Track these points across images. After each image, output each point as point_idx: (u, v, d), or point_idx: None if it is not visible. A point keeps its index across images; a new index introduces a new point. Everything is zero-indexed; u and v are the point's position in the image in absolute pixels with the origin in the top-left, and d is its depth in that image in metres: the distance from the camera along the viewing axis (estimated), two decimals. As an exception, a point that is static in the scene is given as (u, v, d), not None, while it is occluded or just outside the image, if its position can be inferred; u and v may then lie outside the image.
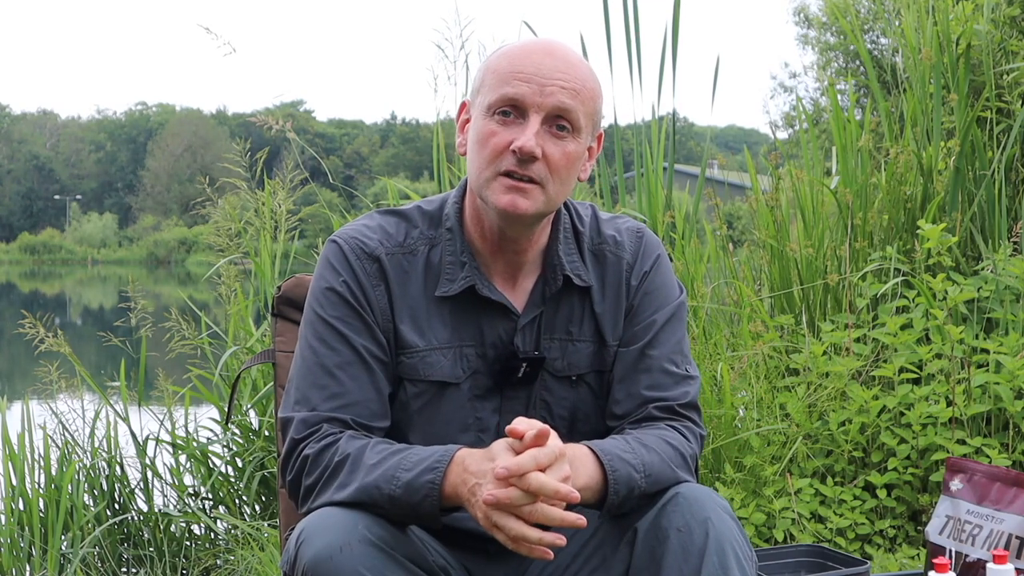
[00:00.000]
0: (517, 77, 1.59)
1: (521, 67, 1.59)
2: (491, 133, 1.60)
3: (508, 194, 1.60)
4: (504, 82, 1.59)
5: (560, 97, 1.59)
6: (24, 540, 3.43)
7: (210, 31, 4.09)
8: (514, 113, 1.59)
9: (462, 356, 1.68)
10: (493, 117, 1.60)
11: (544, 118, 1.59)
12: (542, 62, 1.59)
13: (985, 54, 4.30)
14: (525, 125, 1.58)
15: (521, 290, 1.71)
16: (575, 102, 1.60)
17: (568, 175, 1.63)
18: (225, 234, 3.94)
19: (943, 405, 3.29)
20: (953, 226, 4.03)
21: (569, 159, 1.62)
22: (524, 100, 1.58)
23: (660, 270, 1.76)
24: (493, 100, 1.60)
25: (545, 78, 1.58)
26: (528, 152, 1.57)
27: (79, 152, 79.16)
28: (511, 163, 1.59)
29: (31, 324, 3.70)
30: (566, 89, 1.59)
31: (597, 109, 1.66)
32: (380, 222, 1.71)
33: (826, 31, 24.93)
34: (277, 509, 2.65)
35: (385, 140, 79.08)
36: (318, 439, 1.58)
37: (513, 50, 1.63)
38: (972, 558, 2.49)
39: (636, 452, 1.57)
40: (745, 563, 1.52)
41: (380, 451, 1.53)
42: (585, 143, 1.65)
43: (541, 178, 1.60)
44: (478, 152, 1.62)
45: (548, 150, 1.59)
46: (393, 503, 1.48)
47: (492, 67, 1.63)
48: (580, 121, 1.61)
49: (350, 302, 1.64)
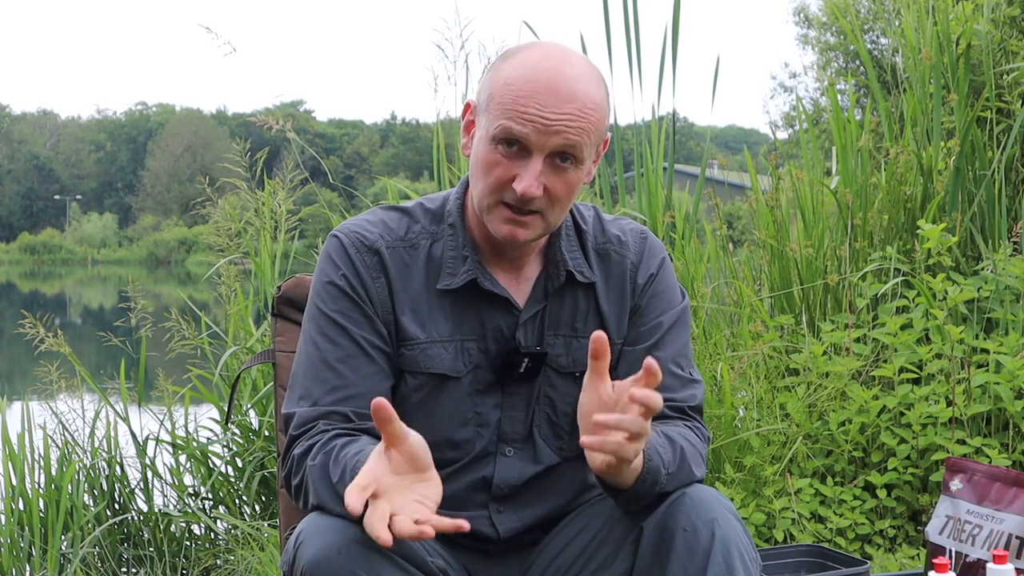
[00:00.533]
0: (521, 117, 1.56)
1: (524, 106, 1.56)
2: (495, 163, 1.59)
3: (507, 225, 1.60)
4: (507, 117, 1.56)
5: (565, 136, 1.57)
6: (24, 540, 3.43)
7: (210, 31, 4.09)
8: (517, 146, 1.58)
9: (463, 350, 1.68)
10: (496, 147, 1.58)
11: (547, 156, 1.58)
12: (546, 101, 1.56)
13: (985, 54, 4.30)
14: (528, 162, 1.57)
15: (524, 285, 1.71)
16: (580, 138, 1.58)
17: (569, 200, 1.63)
18: (225, 234, 3.94)
19: (943, 405, 3.29)
20: (953, 226, 4.03)
21: (570, 187, 1.61)
22: (528, 141, 1.56)
23: (665, 272, 1.77)
24: (495, 132, 1.58)
25: (549, 119, 1.55)
26: (530, 197, 1.57)
27: (79, 152, 79.18)
28: (512, 198, 1.59)
29: (31, 324, 3.70)
30: (571, 128, 1.57)
31: (604, 128, 1.64)
32: (381, 216, 1.72)
33: (826, 31, 24.93)
34: (277, 509, 2.65)
35: (385, 140, 79.11)
36: (307, 439, 1.58)
37: (516, 80, 1.58)
38: (972, 558, 2.49)
39: (665, 448, 1.57)
40: (750, 564, 1.52)
41: (341, 461, 1.52)
42: (588, 163, 1.64)
43: (541, 209, 1.60)
44: (481, 177, 1.61)
45: (549, 184, 1.58)
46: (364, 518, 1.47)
47: (496, 93, 1.59)
48: (584, 152, 1.60)
49: (350, 295, 1.65)
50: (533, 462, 1.72)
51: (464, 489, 1.69)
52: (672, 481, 1.56)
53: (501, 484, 1.70)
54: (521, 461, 1.71)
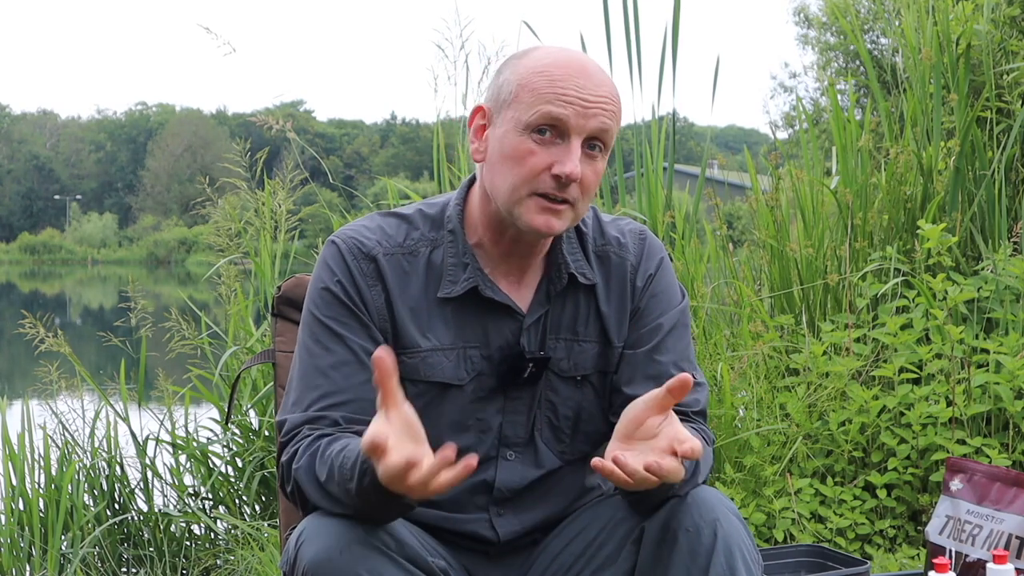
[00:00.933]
0: (561, 99, 1.57)
1: (563, 88, 1.57)
2: (529, 152, 1.58)
3: (543, 215, 1.59)
4: (545, 101, 1.57)
5: (603, 120, 1.59)
6: (24, 540, 3.43)
7: (210, 31, 4.09)
8: (552, 133, 1.58)
9: (466, 358, 1.67)
10: (530, 135, 1.58)
11: (584, 140, 1.59)
12: (584, 84, 1.58)
13: (985, 54, 4.30)
14: (566, 147, 1.57)
15: (525, 290, 1.70)
16: (612, 123, 1.60)
17: (594, 191, 1.64)
18: (225, 234, 3.94)
19: (943, 405, 3.29)
20: (953, 226, 4.03)
21: (598, 177, 1.63)
22: (568, 123, 1.57)
23: (664, 273, 1.76)
24: (532, 119, 1.58)
25: (587, 101, 1.57)
26: (575, 178, 1.57)
27: (79, 152, 79.18)
28: (549, 186, 1.58)
29: (31, 324, 3.70)
30: (607, 111, 1.59)
31: (620, 122, 1.67)
32: (380, 223, 1.71)
33: (826, 31, 24.93)
34: (277, 509, 2.65)
35: (385, 140, 79.09)
36: (292, 445, 1.58)
37: (549, 67, 1.60)
38: (972, 558, 2.49)
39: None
40: (752, 565, 1.52)
41: (326, 459, 1.51)
42: (608, 156, 1.66)
43: (574, 199, 1.60)
44: (511, 168, 1.60)
45: (583, 171, 1.59)
46: (360, 512, 1.47)
47: (527, 83, 1.60)
48: (611, 140, 1.62)
49: (344, 302, 1.64)
50: (534, 466, 1.71)
51: (465, 492, 1.69)
52: (684, 487, 1.56)
53: (502, 487, 1.70)
54: (523, 465, 1.71)
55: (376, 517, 1.48)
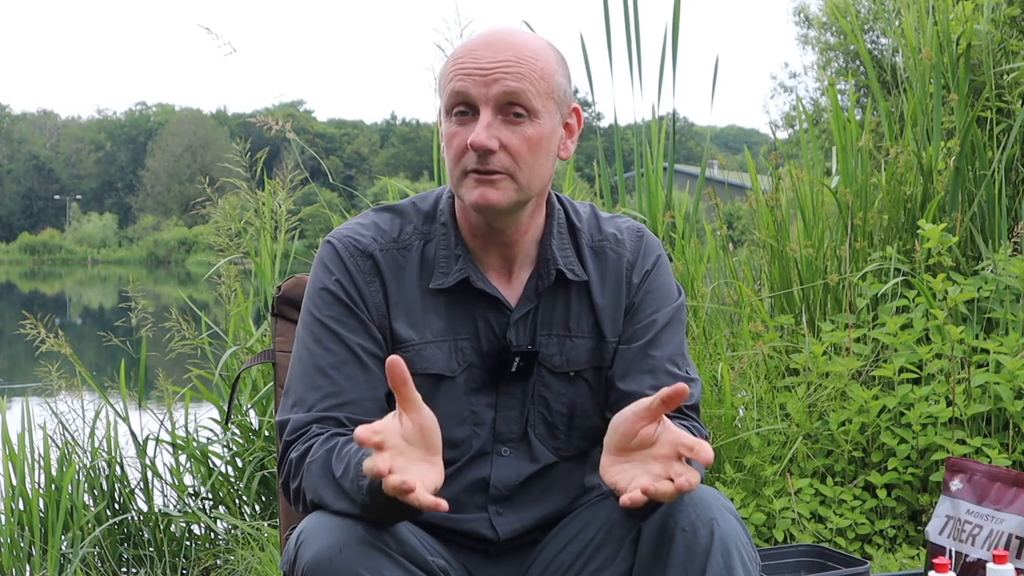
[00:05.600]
0: (460, 73, 1.59)
1: (462, 63, 1.60)
2: (452, 134, 1.61)
3: (477, 188, 1.60)
4: (449, 81, 1.61)
5: (505, 83, 1.58)
6: (24, 540, 3.43)
7: (210, 31, 4.10)
8: (469, 111, 1.60)
9: (457, 349, 1.68)
10: (452, 118, 1.61)
11: (495, 108, 1.59)
12: (482, 54, 1.59)
13: (985, 54, 4.30)
14: (476, 120, 1.59)
15: (516, 284, 1.71)
16: (522, 84, 1.59)
17: (536, 159, 1.62)
18: (225, 234, 3.94)
19: (943, 405, 3.29)
20: (953, 226, 4.03)
21: (531, 143, 1.61)
22: (470, 94, 1.59)
23: (661, 270, 1.76)
24: (446, 102, 1.62)
25: (486, 68, 1.58)
26: (480, 146, 1.57)
27: (79, 152, 79.19)
28: (472, 161, 1.59)
29: (32, 324, 3.70)
30: (509, 74, 1.58)
31: (556, 85, 1.63)
32: (374, 219, 1.72)
33: (826, 31, 24.93)
34: (277, 509, 2.65)
35: (385, 140, 79.09)
36: (303, 442, 1.58)
37: (457, 49, 1.64)
38: (972, 558, 2.49)
39: None
40: (749, 564, 1.52)
41: (344, 456, 1.51)
42: (551, 122, 1.63)
43: (506, 167, 1.59)
44: (447, 155, 1.64)
45: (506, 139, 1.59)
46: (368, 511, 1.47)
47: (443, 71, 1.64)
48: (534, 102, 1.60)
49: (344, 301, 1.65)
50: (529, 461, 1.72)
51: (463, 492, 1.69)
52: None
53: (498, 485, 1.70)
54: (517, 461, 1.71)
55: (384, 518, 1.48)
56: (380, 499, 1.43)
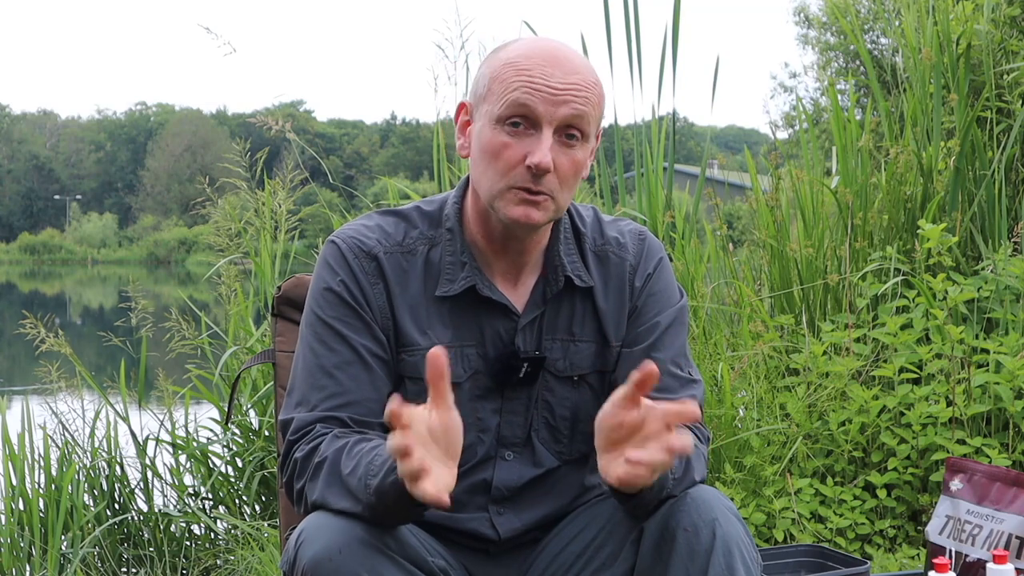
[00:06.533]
0: (528, 87, 1.56)
1: (530, 77, 1.56)
2: (503, 146, 1.58)
3: (521, 207, 1.59)
4: (514, 90, 1.56)
5: (574, 106, 1.57)
6: (24, 540, 3.43)
7: (210, 31, 4.10)
8: (524, 124, 1.57)
9: (463, 356, 1.67)
10: (503, 128, 1.58)
11: (556, 129, 1.58)
12: (552, 72, 1.57)
13: (985, 54, 4.30)
14: (537, 138, 1.57)
15: (522, 290, 1.70)
16: (587, 109, 1.58)
17: (576, 181, 1.63)
18: (225, 234, 3.94)
19: (943, 405, 3.29)
20: (953, 226, 4.03)
21: (578, 167, 1.61)
22: (536, 111, 1.56)
23: (663, 273, 1.76)
24: (502, 111, 1.57)
25: (556, 89, 1.56)
26: (545, 169, 1.56)
27: (79, 152, 79.22)
28: (525, 178, 1.57)
29: (32, 324, 3.70)
30: (578, 98, 1.57)
31: (603, 110, 1.65)
32: (379, 222, 1.71)
33: (826, 31, 24.94)
34: (277, 509, 2.65)
35: (385, 140, 79.10)
36: (308, 441, 1.58)
37: (518, 58, 1.59)
38: (972, 558, 2.49)
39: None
40: (751, 565, 1.52)
41: (355, 454, 1.51)
42: (593, 145, 1.64)
43: (551, 189, 1.59)
44: (489, 163, 1.60)
45: (558, 161, 1.58)
46: (372, 511, 1.47)
47: (497, 75, 1.59)
48: (590, 128, 1.60)
49: (348, 301, 1.64)
50: (532, 465, 1.71)
51: (464, 492, 1.68)
52: (678, 486, 1.56)
53: (500, 487, 1.70)
54: (520, 465, 1.71)
55: (387, 520, 1.48)
56: (386, 500, 1.43)
